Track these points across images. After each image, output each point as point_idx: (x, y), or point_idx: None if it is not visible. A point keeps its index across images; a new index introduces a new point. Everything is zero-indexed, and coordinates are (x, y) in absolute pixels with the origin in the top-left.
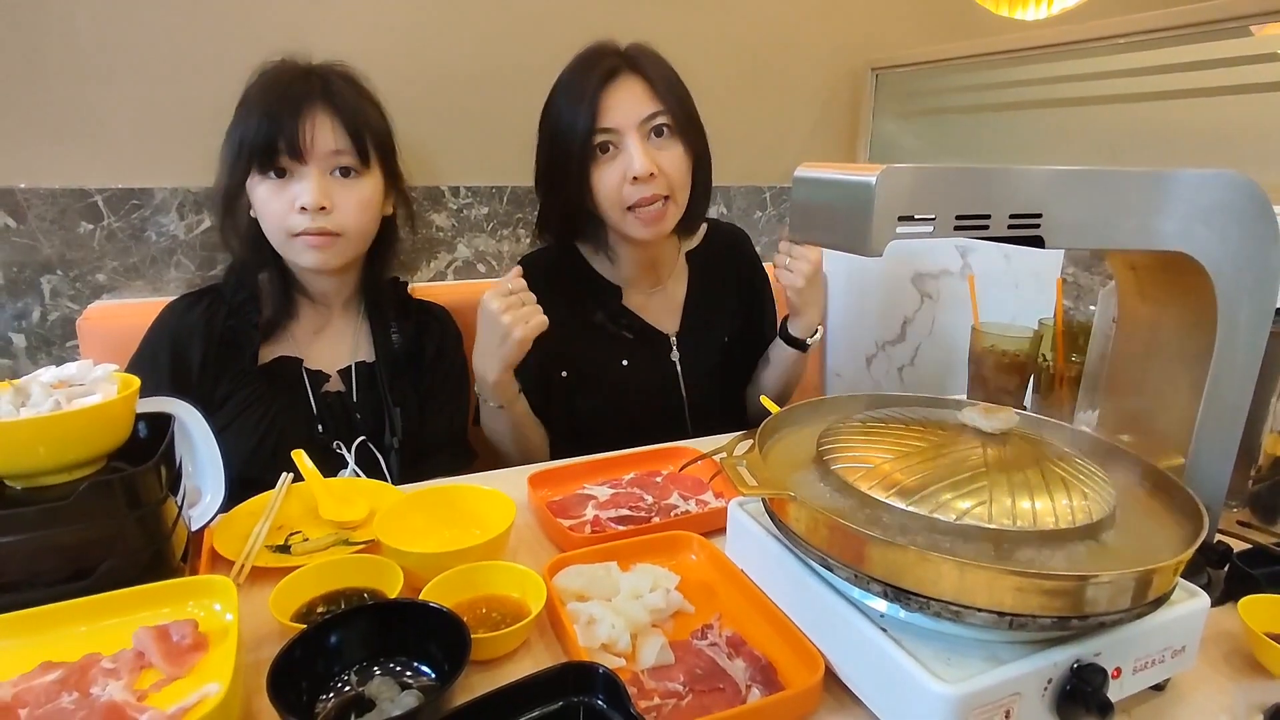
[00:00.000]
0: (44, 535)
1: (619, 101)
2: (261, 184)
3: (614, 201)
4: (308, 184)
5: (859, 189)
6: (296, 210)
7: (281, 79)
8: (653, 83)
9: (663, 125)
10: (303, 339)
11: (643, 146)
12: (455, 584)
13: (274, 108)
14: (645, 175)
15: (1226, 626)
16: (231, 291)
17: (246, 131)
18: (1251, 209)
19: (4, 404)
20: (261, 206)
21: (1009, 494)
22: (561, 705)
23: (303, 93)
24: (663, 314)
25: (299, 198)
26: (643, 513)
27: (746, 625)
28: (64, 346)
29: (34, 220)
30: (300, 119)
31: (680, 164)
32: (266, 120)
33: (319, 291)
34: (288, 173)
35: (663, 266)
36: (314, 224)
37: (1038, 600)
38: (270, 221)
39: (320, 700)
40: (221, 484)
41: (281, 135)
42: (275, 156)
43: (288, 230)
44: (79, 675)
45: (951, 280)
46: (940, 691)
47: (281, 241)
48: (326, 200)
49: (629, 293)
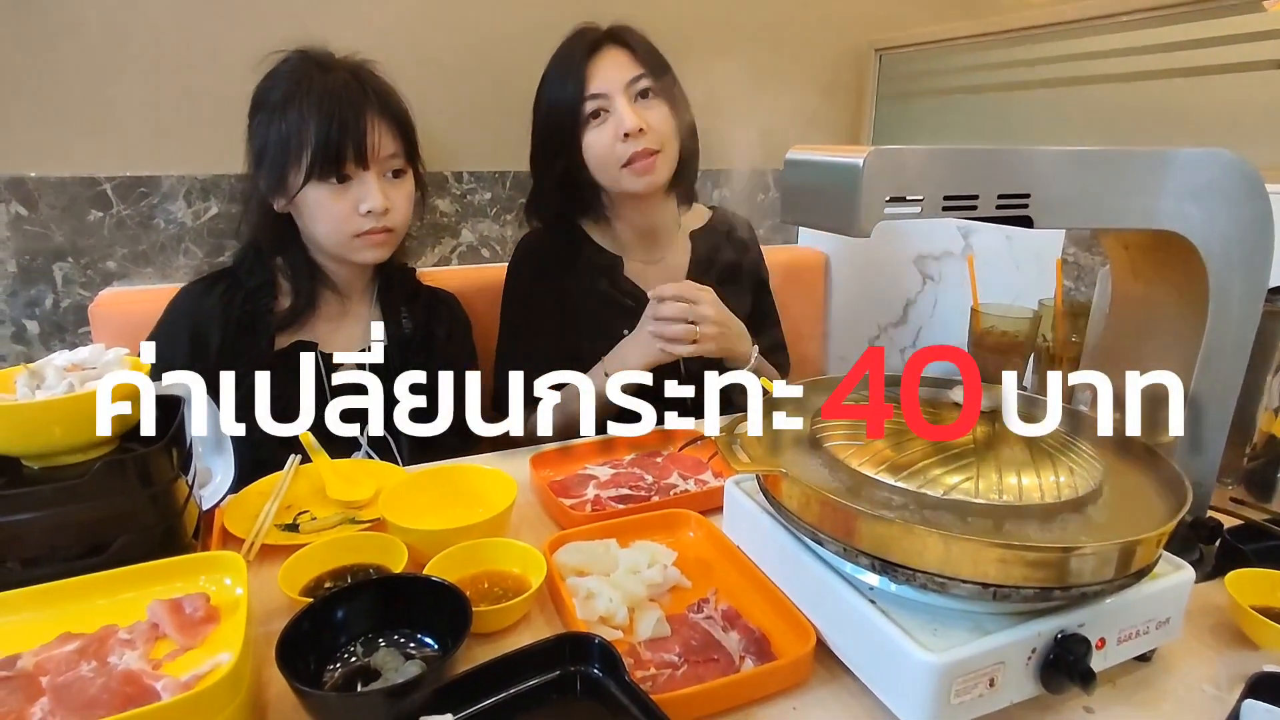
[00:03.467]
0: (61, 512)
1: (603, 68)
2: (318, 189)
3: (608, 160)
4: (371, 188)
5: (847, 170)
6: (361, 214)
7: (330, 83)
8: (634, 50)
9: (647, 88)
10: (319, 325)
11: (631, 106)
12: (458, 560)
13: (335, 114)
14: (635, 130)
15: (1216, 600)
16: (247, 275)
17: (303, 136)
18: (1243, 188)
19: (20, 387)
20: (317, 210)
21: (996, 470)
22: (558, 674)
23: (359, 98)
24: (663, 283)
25: (364, 202)
26: (643, 492)
27: (741, 599)
28: (76, 333)
29: (45, 209)
30: (363, 126)
31: (666, 120)
32: (331, 127)
33: (344, 282)
34: (349, 178)
35: (662, 234)
36: (378, 224)
37: (1020, 571)
38: (330, 224)
39: (327, 670)
40: (231, 465)
41: (349, 142)
42: (342, 164)
43: (351, 232)
44: (97, 645)
45: (953, 261)
46: (925, 660)
47: (341, 241)
48: (389, 203)
49: (629, 263)
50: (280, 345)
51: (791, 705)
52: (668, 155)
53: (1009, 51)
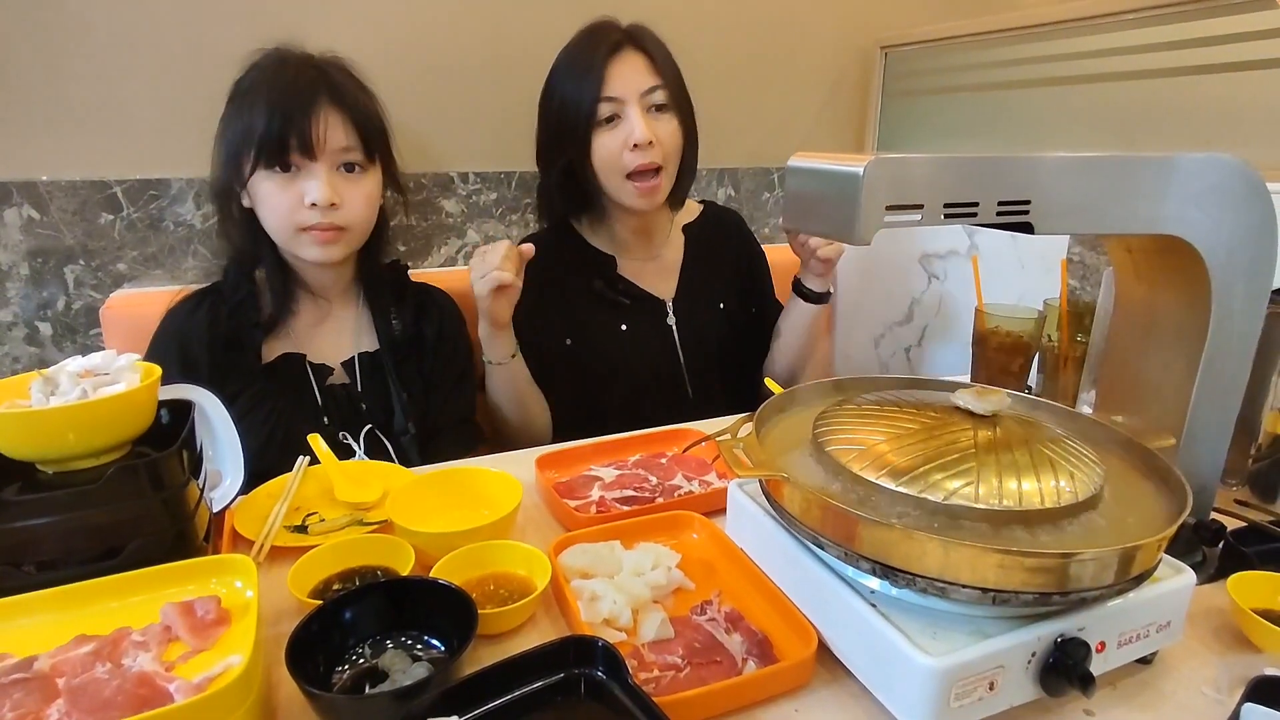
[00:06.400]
0: (75, 517)
1: (622, 73)
2: (267, 179)
3: (613, 167)
4: (317, 181)
5: (847, 179)
6: (306, 206)
7: (285, 72)
8: (653, 58)
9: (661, 99)
10: (304, 333)
11: (644, 116)
12: (464, 562)
13: (283, 102)
14: (645, 143)
15: (1218, 603)
16: (231, 289)
17: (253, 125)
18: (1246, 192)
19: (35, 393)
20: (265, 200)
21: (996, 474)
22: (563, 677)
23: (311, 88)
24: (658, 280)
25: (308, 194)
26: (647, 493)
27: (744, 601)
28: (88, 334)
29: (56, 212)
30: (312, 115)
31: (674, 137)
32: (277, 115)
33: (318, 284)
34: (296, 168)
35: (656, 233)
36: (324, 219)
37: (1020, 577)
38: (275, 216)
39: (336, 671)
40: (241, 468)
41: (293, 131)
42: (286, 152)
43: (295, 225)
44: (111, 647)
45: (959, 261)
46: (925, 663)
47: (287, 236)
48: (336, 197)
49: (624, 261)
50: (268, 358)
51: (793, 707)
52: (669, 172)
53: (1014, 49)
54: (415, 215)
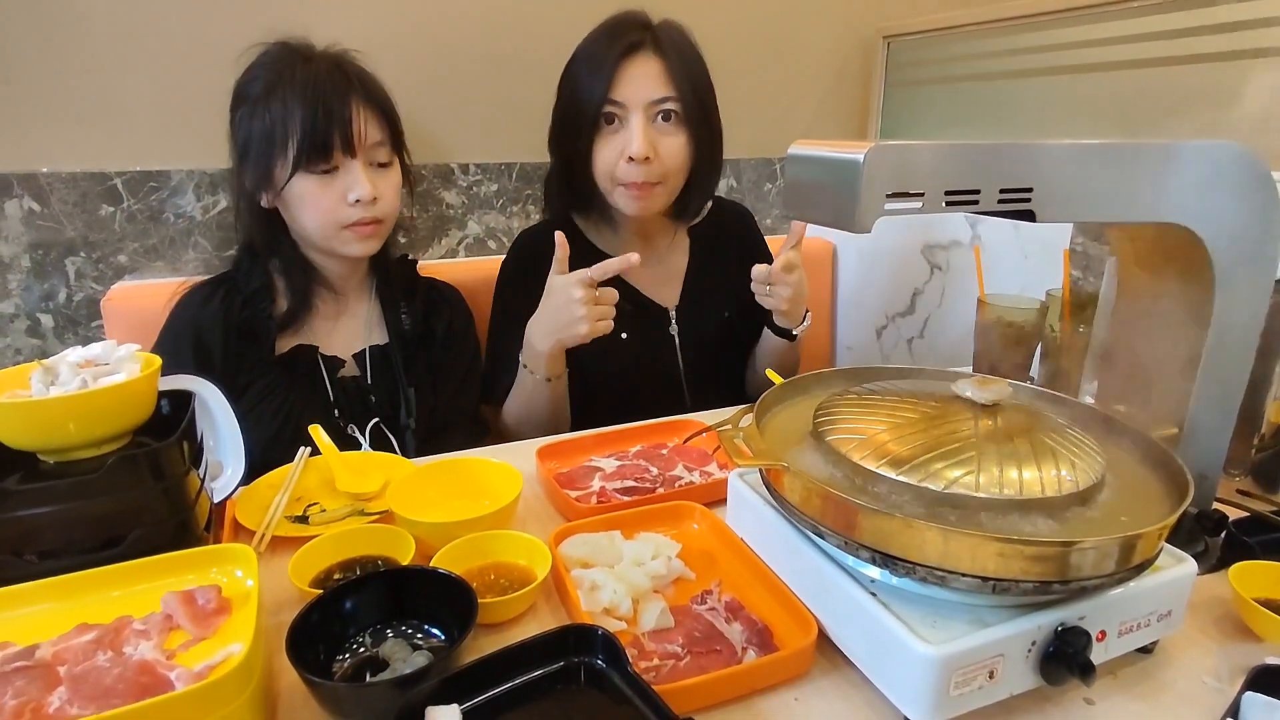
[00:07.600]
0: (76, 506)
1: (632, 77)
2: (307, 180)
3: (606, 174)
4: (357, 177)
5: (847, 167)
6: (349, 203)
7: (310, 70)
8: (671, 66)
9: (671, 111)
10: (318, 325)
11: (645, 128)
12: (464, 552)
13: (320, 102)
14: (640, 158)
15: (1220, 592)
16: (245, 279)
17: (288, 126)
18: (1250, 180)
19: (35, 383)
20: (305, 201)
21: (997, 463)
22: (562, 665)
23: (344, 85)
24: (661, 287)
25: (351, 190)
26: (648, 484)
27: (745, 591)
28: (89, 326)
29: (57, 204)
30: (349, 113)
31: (679, 152)
32: (318, 114)
33: (337, 278)
34: (337, 167)
35: (658, 238)
36: (366, 214)
37: (1019, 565)
38: (317, 215)
39: (337, 660)
40: (242, 458)
41: (335, 129)
42: (329, 151)
43: (339, 223)
44: (113, 636)
45: (961, 251)
46: (925, 652)
47: (330, 233)
48: (376, 191)
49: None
50: (281, 349)
51: (793, 696)
52: (668, 188)
53: (1017, 38)
54: (416, 206)
